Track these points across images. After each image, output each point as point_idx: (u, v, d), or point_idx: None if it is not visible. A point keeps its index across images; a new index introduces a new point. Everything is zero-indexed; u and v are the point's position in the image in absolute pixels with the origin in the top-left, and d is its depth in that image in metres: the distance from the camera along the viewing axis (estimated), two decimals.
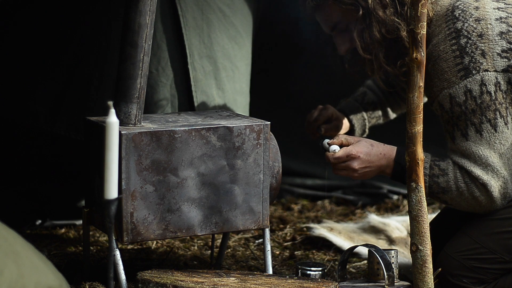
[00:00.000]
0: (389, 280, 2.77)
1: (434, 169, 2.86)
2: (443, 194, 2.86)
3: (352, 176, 2.95)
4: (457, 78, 2.81)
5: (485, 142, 2.80)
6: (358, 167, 2.92)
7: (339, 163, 2.94)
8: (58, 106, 3.33)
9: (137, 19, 2.74)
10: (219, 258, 3.24)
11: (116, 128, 2.34)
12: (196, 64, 3.40)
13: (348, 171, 2.94)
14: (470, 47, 2.81)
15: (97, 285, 2.94)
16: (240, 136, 2.83)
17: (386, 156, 2.92)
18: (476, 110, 2.79)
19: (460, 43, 2.82)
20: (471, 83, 2.79)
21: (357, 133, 3.41)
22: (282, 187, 4.13)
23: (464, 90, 2.80)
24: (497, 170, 2.80)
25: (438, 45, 2.86)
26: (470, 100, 2.79)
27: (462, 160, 2.83)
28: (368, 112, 3.41)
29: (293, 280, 2.75)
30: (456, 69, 2.81)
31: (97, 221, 2.86)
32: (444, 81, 2.84)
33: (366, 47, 2.94)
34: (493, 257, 2.84)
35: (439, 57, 2.85)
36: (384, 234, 3.68)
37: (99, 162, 2.55)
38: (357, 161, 2.91)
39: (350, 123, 3.39)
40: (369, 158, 2.92)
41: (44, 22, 3.32)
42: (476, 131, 2.80)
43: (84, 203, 2.97)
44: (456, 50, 2.82)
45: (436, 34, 2.88)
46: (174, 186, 2.77)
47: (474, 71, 2.79)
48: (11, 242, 2.10)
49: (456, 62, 2.81)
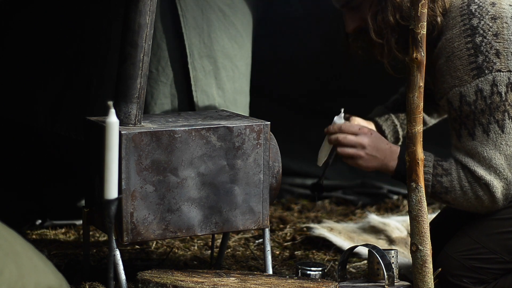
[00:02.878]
0: (389, 280, 2.76)
1: (438, 168, 2.85)
2: (446, 194, 2.85)
3: (358, 155, 2.88)
4: (470, 77, 2.79)
5: (492, 142, 2.79)
6: (368, 144, 2.87)
7: (349, 133, 2.88)
8: (58, 106, 3.33)
9: (137, 19, 2.74)
10: (219, 258, 3.24)
11: (116, 128, 2.34)
12: (196, 63, 3.40)
13: (357, 148, 2.88)
14: (485, 46, 2.78)
15: (97, 285, 2.93)
16: (240, 136, 2.83)
17: (392, 150, 2.91)
18: (485, 110, 2.78)
19: (475, 41, 2.79)
20: (483, 83, 2.78)
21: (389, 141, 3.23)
22: (282, 187, 4.12)
23: (475, 89, 2.78)
24: (500, 171, 2.79)
25: (452, 40, 2.83)
26: (480, 100, 2.78)
27: (466, 159, 2.82)
28: (399, 117, 3.27)
29: (293, 280, 2.75)
30: (469, 67, 2.79)
31: (97, 221, 2.86)
32: (456, 79, 2.82)
33: (379, 31, 2.88)
34: (493, 257, 2.84)
35: (453, 53, 2.82)
36: (384, 234, 3.68)
37: (99, 162, 2.55)
38: (369, 138, 2.87)
39: (380, 129, 3.26)
40: (378, 144, 2.88)
41: (44, 22, 3.32)
42: (483, 131, 2.79)
43: (84, 203, 2.97)
44: (470, 48, 2.79)
45: (450, 27, 2.85)
46: (174, 186, 2.76)
47: (487, 70, 2.77)
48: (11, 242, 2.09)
49: (470, 60, 2.79)
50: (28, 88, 3.35)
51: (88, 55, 3.31)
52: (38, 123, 3.34)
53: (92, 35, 3.30)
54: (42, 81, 3.33)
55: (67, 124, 3.32)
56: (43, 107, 3.33)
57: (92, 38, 3.30)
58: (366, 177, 4.36)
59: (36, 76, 3.34)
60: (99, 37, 3.29)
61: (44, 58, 3.32)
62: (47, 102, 3.32)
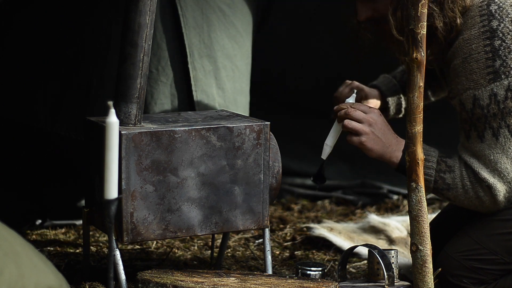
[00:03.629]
0: (389, 280, 2.76)
1: (441, 164, 2.84)
2: (448, 191, 2.84)
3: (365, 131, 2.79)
4: (485, 81, 2.76)
5: (500, 146, 2.78)
6: (375, 123, 2.79)
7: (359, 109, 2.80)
8: (58, 106, 3.33)
9: (137, 19, 2.74)
10: (219, 258, 3.24)
11: (116, 128, 2.34)
12: (196, 63, 3.40)
13: (363, 125, 2.79)
14: (503, 50, 2.75)
15: (97, 285, 2.94)
16: (240, 136, 2.83)
17: (398, 141, 2.84)
18: (497, 114, 2.76)
19: (494, 44, 2.76)
20: (498, 87, 2.76)
21: (391, 112, 3.21)
22: (282, 187, 4.13)
23: (489, 93, 2.76)
24: (504, 175, 2.78)
25: (470, 42, 2.79)
26: (494, 104, 2.76)
27: (471, 160, 2.81)
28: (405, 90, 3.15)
29: (293, 280, 2.75)
30: (486, 71, 2.76)
31: (97, 221, 2.86)
32: (471, 81, 2.79)
33: (400, 27, 2.80)
34: (493, 258, 2.83)
35: (470, 55, 2.78)
36: (384, 234, 3.68)
37: (99, 162, 2.55)
38: (378, 118, 2.80)
39: (384, 100, 3.20)
40: (386, 128, 2.81)
41: (45, 23, 3.32)
42: (493, 134, 2.78)
43: (84, 203, 2.97)
44: (489, 52, 2.76)
45: (468, 27, 2.80)
46: (174, 186, 2.76)
47: (504, 75, 2.75)
48: (11, 242, 2.09)
49: (487, 64, 2.76)
50: (28, 88, 3.35)
51: (88, 55, 3.31)
52: (38, 123, 3.34)
53: (92, 35, 3.30)
54: (42, 81, 3.33)
55: (67, 124, 3.32)
56: (43, 107, 3.33)
57: (92, 38, 3.30)
58: (366, 177, 4.36)
59: (36, 76, 3.34)
60: (99, 37, 3.29)
61: (44, 58, 3.32)
62: (47, 102, 3.33)
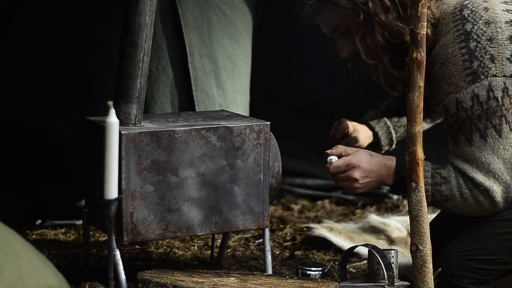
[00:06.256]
0: (389, 280, 2.76)
1: (436, 177, 2.84)
2: (446, 202, 2.84)
3: (354, 187, 2.88)
4: (465, 83, 2.77)
5: (489, 147, 2.78)
6: (359, 177, 2.86)
7: (339, 173, 2.88)
8: (58, 105, 3.33)
9: (137, 19, 2.74)
10: (219, 258, 3.24)
11: (116, 128, 2.34)
12: (196, 63, 3.40)
13: (349, 182, 2.88)
14: (479, 51, 2.77)
15: (97, 285, 2.94)
16: (240, 136, 2.83)
17: (386, 166, 2.88)
18: (482, 115, 2.77)
19: (470, 46, 2.78)
20: (479, 88, 2.76)
21: (383, 143, 3.28)
22: (282, 187, 4.13)
23: (471, 95, 2.77)
24: (499, 175, 2.78)
25: (446, 47, 2.82)
26: (477, 105, 2.77)
27: (464, 165, 2.81)
28: (392, 119, 3.28)
29: (293, 280, 2.75)
30: (464, 73, 2.78)
31: (97, 221, 2.86)
32: (451, 85, 2.80)
33: (369, 52, 2.89)
34: (493, 258, 2.83)
35: (448, 60, 2.81)
36: (384, 234, 3.68)
37: (99, 162, 2.55)
38: (358, 170, 2.86)
39: (373, 131, 3.27)
40: (370, 167, 2.87)
41: (45, 22, 3.32)
42: (480, 136, 2.78)
43: (84, 203, 2.97)
44: (465, 54, 2.78)
45: (443, 33, 2.84)
46: (174, 186, 2.76)
47: (483, 76, 2.76)
48: (11, 242, 2.09)
49: (465, 66, 2.78)
50: (28, 87, 3.35)
51: (88, 55, 3.31)
52: (38, 122, 3.34)
53: (92, 35, 3.30)
54: (42, 81, 3.33)
55: (67, 124, 3.32)
56: (43, 106, 3.33)
57: (92, 38, 3.30)
58: None
59: (36, 76, 3.34)
60: (99, 37, 3.29)
61: (44, 57, 3.32)
62: (47, 102, 3.33)
